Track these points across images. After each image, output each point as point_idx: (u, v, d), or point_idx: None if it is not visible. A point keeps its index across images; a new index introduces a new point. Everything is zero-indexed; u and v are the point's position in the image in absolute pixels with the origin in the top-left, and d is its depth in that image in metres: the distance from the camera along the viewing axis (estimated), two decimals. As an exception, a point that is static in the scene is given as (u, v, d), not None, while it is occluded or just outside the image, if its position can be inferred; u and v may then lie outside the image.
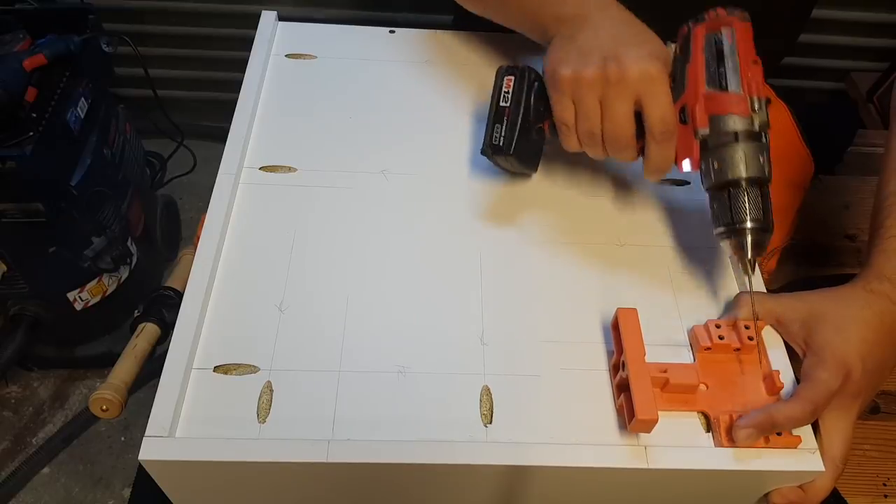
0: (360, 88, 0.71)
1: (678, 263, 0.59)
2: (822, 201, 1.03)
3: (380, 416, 0.49)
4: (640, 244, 0.60)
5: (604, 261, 0.58)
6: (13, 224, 1.03)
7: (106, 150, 1.18)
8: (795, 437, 0.48)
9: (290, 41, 0.75)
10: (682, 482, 0.49)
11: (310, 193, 0.61)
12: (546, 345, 0.53)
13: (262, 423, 0.48)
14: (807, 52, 1.63)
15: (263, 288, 0.55)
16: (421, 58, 0.74)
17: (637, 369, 0.48)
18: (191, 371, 0.50)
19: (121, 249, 1.19)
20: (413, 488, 0.50)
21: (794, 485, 0.50)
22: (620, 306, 0.51)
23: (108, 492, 1.25)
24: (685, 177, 0.65)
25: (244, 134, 0.64)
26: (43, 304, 1.18)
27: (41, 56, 1.02)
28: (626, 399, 0.48)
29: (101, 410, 0.56)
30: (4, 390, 1.35)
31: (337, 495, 0.50)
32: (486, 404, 0.50)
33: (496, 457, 0.46)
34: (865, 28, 1.58)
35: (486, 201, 0.62)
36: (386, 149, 0.65)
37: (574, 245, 0.59)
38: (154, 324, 0.61)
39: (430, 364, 0.51)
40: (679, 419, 0.50)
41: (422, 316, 0.54)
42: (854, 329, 0.50)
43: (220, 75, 1.61)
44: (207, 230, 0.57)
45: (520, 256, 0.58)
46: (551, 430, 0.49)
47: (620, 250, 0.59)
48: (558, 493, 0.50)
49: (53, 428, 1.31)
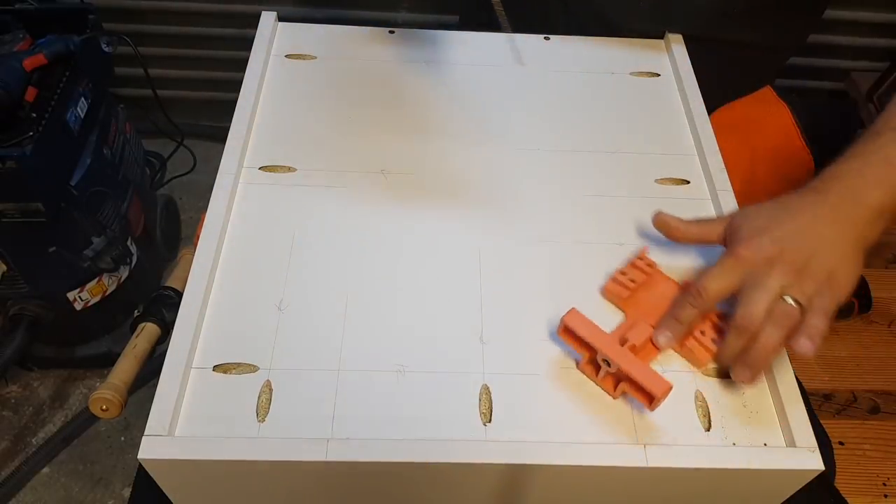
0: (360, 89, 0.71)
1: (678, 263, 0.59)
2: (822, 201, 1.03)
3: (379, 415, 0.49)
4: (640, 244, 0.60)
5: (604, 260, 0.58)
6: (13, 224, 1.03)
7: (106, 149, 1.18)
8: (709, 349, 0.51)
9: (290, 41, 0.75)
10: (681, 481, 0.49)
11: (309, 193, 0.61)
12: (545, 343, 0.53)
13: (262, 422, 0.48)
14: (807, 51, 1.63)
15: (263, 287, 0.55)
16: (421, 58, 0.74)
17: (622, 356, 0.48)
18: (190, 370, 0.50)
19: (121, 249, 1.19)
20: (412, 487, 0.50)
21: (793, 486, 0.50)
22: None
23: (108, 492, 1.25)
24: (686, 176, 0.65)
25: (244, 134, 0.64)
26: (43, 304, 1.18)
27: (41, 56, 1.02)
28: (633, 387, 0.48)
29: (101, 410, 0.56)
30: (4, 390, 1.35)
31: (336, 494, 0.50)
32: (486, 403, 0.50)
33: (496, 455, 0.46)
34: (866, 28, 1.58)
35: (486, 201, 0.62)
36: (385, 149, 0.65)
37: (574, 245, 0.59)
38: (154, 324, 0.61)
39: (430, 363, 0.51)
40: (679, 419, 0.50)
41: (421, 315, 0.54)
42: (767, 205, 0.51)
43: (220, 75, 1.62)
44: (207, 230, 0.57)
45: (519, 255, 0.58)
46: (551, 429, 0.49)
47: (620, 250, 0.59)
48: (558, 492, 0.50)
49: (53, 428, 1.31)
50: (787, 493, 0.51)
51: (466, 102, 0.69)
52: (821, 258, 0.48)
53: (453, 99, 0.70)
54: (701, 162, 0.66)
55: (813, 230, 0.49)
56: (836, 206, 0.50)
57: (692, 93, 0.71)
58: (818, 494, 0.67)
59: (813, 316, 0.47)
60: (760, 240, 0.49)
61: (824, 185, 0.51)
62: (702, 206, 0.63)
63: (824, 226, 0.49)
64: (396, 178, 0.63)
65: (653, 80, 0.74)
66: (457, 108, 0.69)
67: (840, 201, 0.50)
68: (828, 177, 0.51)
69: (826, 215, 0.49)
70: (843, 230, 0.49)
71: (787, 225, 0.49)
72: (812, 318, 0.47)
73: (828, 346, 0.94)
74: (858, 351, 0.94)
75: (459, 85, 0.71)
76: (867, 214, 0.50)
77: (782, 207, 0.51)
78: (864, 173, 0.51)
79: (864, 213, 0.50)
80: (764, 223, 0.50)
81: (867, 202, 0.50)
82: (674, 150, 0.67)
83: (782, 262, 0.48)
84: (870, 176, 0.50)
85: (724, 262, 0.50)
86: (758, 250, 0.49)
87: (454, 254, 0.58)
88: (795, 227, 0.49)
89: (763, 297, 0.48)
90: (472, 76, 0.72)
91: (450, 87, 0.71)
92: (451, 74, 0.73)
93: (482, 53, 0.75)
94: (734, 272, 0.49)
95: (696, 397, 0.51)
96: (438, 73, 0.73)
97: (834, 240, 0.49)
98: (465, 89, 0.71)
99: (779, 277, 0.48)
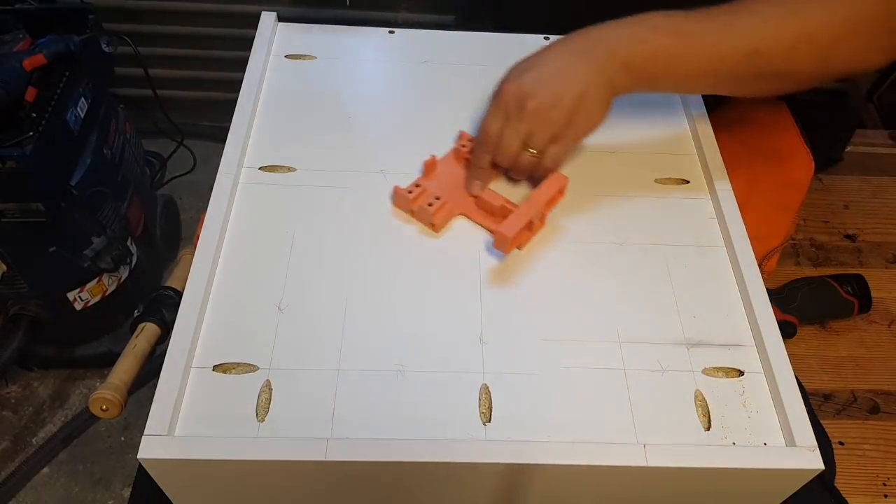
0: (360, 89, 0.71)
1: (678, 262, 0.59)
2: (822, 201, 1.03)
3: (379, 415, 0.49)
4: (640, 244, 0.60)
5: (603, 260, 0.58)
6: (13, 224, 1.03)
7: (106, 149, 1.18)
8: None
9: (289, 42, 0.75)
10: (680, 480, 0.49)
11: (309, 193, 0.61)
12: (545, 343, 0.53)
13: (261, 422, 0.48)
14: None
15: (263, 287, 0.55)
16: (420, 58, 0.74)
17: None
18: (190, 370, 0.50)
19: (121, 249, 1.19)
20: (412, 487, 0.50)
21: (793, 485, 0.50)
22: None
23: (108, 492, 1.25)
24: (685, 176, 0.65)
25: (244, 134, 0.64)
26: (43, 304, 1.18)
27: (41, 56, 1.02)
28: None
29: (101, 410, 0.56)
30: (4, 390, 1.35)
31: (336, 494, 0.50)
32: (485, 403, 0.50)
33: (495, 455, 0.46)
34: (865, 28, 1.57)
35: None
36: (385, 149, 0.65)
37: (573, 244, 0.59)
38: (154, 323, 0.61)
39: (429, 362, 0.51)
40: (679, 418, 0.50)
41: (421, 314, 0.54)
42: (539, 51, 0.59)
43: (220, 75, 1.61)
44: (207, 230, 0.57)
45: (519, 255, 0.58)
46: (550, 429, 0.49)
47: (620, 249, 0.59)
48: (557, 492, 0.50)
49: (53, 428, 1.31)
50: (787, 492, 0.51)
51: (466, 103, 0.69)
52: (567, 99, 0.56)
53: (453, 99, 0.70)
54: (701, 162, 0.66)
55: (566, 70, 0.56)
56: (590, 50, 0.57)
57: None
58: (818, 494, 0.67)
59: (547, 161, 0.58)
60: (520, 79, 0.57)
61: (591, 31, 0.58)
62: (701, 206, 0.63)
63: (579, 72, 0.56)
64: (396, 178, 0.63)
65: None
66: (456, 108, 0.69)
67: (594, 46, 0.57)
68: (601, 25, 0.58)
69: (580, 58, 0.57)
70: (590, 70, 0.56)
71: (545, 67, 0.57)
72: (546, 162, 0.59)
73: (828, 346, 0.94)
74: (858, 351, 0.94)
75: (459, 85, 0.71)
76: (617, 66, 0.56)
77: (547, 50, 0.58)
78: (632, 31, 0.57)
79: (616, 65, 0.56)
80: (527, 65, 0.58)
81: (617, 52, 0.56)
82: (674, 150, 0.67)
83: (533, 98, 0.56)
84: (634, 34, 0.57)
85: (491, 102, 0.58)
86: (516, 85, 0.57)
87: (453, 253, 0.58)
88: (551, 69, 0.57)
89: (509, 133, 0.57)
90: (472, 76, 0.72)
91: (449, 87, 0.71)
92: (451, 74, 0.73)
93: (482, 53, 0.75)
94: (498, 108, 0.58)
95: (695, 397, 0.51)
96: (438, 73, 0.73)
97: (582, 79, 0.56)
98: (464, 89, 0.71)
99: (527, 119, 0.56)
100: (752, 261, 0.58)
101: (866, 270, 0.96)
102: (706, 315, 0.55)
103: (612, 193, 0.63)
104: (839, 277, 0.93)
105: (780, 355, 0.53)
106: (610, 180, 0.64)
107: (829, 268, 0.98)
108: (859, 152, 1.15)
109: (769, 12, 0.55)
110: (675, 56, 0.56)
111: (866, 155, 1.15)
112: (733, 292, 0.57)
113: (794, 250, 0.96)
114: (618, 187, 0.64)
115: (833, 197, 1.05)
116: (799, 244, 0.97)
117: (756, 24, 0.55)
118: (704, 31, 0.56)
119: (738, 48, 0.55)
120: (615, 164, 0.66)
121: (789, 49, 0.55)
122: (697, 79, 0.58)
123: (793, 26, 0.55)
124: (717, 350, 0.53)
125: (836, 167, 1.10)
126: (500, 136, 0.58)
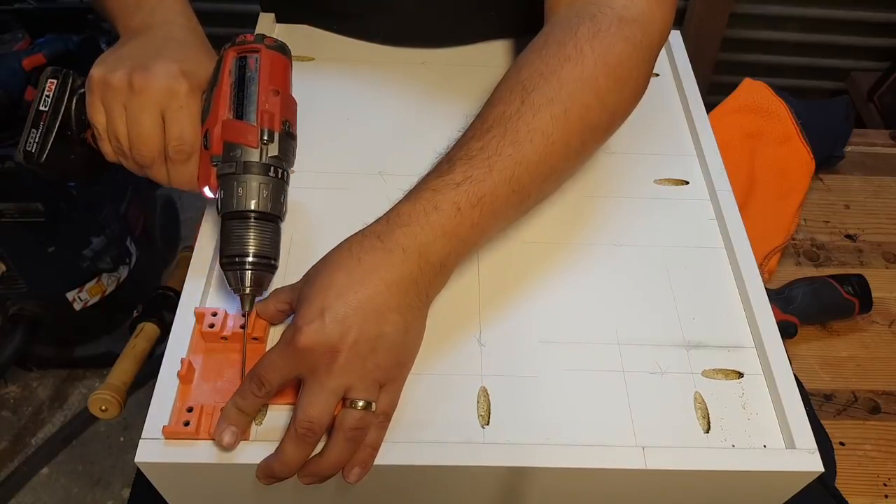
0: (358, 90, 0.71)
1: (677, 263, 0.58)
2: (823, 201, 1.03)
3: (377, 418, 0.48)
4: (639, 244, 0.60)
5: (602, 261, 0.58)
6: (13, 224, 1.03)
7: (105, 149, 1.18)
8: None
9: (288, 43, 0.74)
10: (680, 483, 0.48)
11: (307, 194, 0.61)
12: (544, 346, 0.53)
13: (259, 426, 0.48)
14: (807, 51, 1.63)
15: (261, 289, 0.55)
16: (418, 59, 0.74)
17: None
18: (188, 372, 0.50)
19: (120, 249, 1.19)
20: (410, 490, 0.50)
21: (793, 488, 0.50)
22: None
23: (108, 492, 1.25)
24: (685, 177, 0.65)
25: (242, 134, 0.64)
26: (42, 304, 1.18)
27: (40, 56, 1.02)
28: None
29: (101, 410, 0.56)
30: (3, 390, 1.35)
31: (333, 497, 0.50)
32: (484, 405, 0.50)
33: (494, 458, 0.46)
34: (866, 28, 1.58)
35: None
36: (383, 150, 0.65)
37: (572, 245, 0.59)
38: (153, 324, 0.61)
39: (428, 365, 0.51)
40: (678, 421, 0.49)
41: (420, 317, 0.54)
42: (332, 269, 0.46)
43: (219, 75, 1.61)
44: (206, 230, 0.57)
45: (518, 256, 0.58)
46: (549, 432, 0.48)
47: (619, 250, 0.59)
48: (556, 495, 0.50)
49: (52, 428, 1.31)
50: (787, 494, 0.51)
51: (465, 104, 0.69)
52: (387, 340, 0.45)
53: (452, 100, 0.70)
54: (700, 162, 0.66)
55: (378, 303, 0.45)
56: (401, 266, 0.46)
57: (692, 93, 0.71)
58: (818, 495, 0.67)
59: (372, 430, 0.45)
60: (322, 324, 0.44)
61: (391, 237, 0.47)
62: (701, 207, 0.63)
63: (390, 295, 0.46)
64: (395, 179, 0.63)
65: (652, 80, 0.73)
66: (456, 109, 0.69)
67: (405, 260, 0.46)
68: (395, 222, 0.48)
69: (392, 282, 0.46)
70: (408, 297, 0.46)
71: (350, 298, 0.45)
72: (371, 432, 0.45)
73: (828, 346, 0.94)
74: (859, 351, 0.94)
75: (459, 86, 0.71)
76: (432, 273, 0.48)
77: (347, 273, 0.46)
78: (431, 221, 0.47)
79: (430, 272, 0.47)
80: (325, 300, 0.45)
81: (432, 259, 0.47)
82: (673, 151, 0.67)
83: (346, 350, 0.44)
84: (437, 224, 0.47)
85: (284, 350, 0.45)
86: (318, 337, 0.44)
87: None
88: (358, 301, 0.45)
89: (324, 399, 0.44)
90: (472, 77, 0.72)
91: (449, 88, 0.71)
92: (451, 75, 0.73)
93: (482, 54, 0.75)
94: (293, 362, 0.45)
95: (695, 399, 0.51)
96: (438, 73, 0.73)
97: (400, 310, 0.46)
98: (464, 90, 0.70)
99: (341, 374, 0.44)
100: (752, 262, 0.58)
101: (867, 270, 0.96)
102: (706, 317, 0.55)
103: (611, 195, 0.63)
104: (840, 277, 0.93)
105: (779, 357, 0.52)
106: (609, 181, 0.64)
107: (830, 268, 0.98)
108: (860, 152, 1.15)
109: (519, 129, 0.50)
110: (483, 210, 0.49)
111: (867, 155, 1.15)
112: (733, 294, 0.57)
113: (795, 250, 0.96)
114: (617, 188, 0.64)
115: (833, 197, 1.05)
116: (799, 244, 0.97)
117: (519, 141, 0.50)
118: (481, 175, 0.49)
119: (520, 164, 0.50)
120: (614, 165, 0.65)
121: (564, 146, 0.52)
122: (507, 211, 0.51)
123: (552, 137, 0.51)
124: (717, 352, 0.53)
125: (836, 167, 1.10)
126: (311, 402, 0.45)
